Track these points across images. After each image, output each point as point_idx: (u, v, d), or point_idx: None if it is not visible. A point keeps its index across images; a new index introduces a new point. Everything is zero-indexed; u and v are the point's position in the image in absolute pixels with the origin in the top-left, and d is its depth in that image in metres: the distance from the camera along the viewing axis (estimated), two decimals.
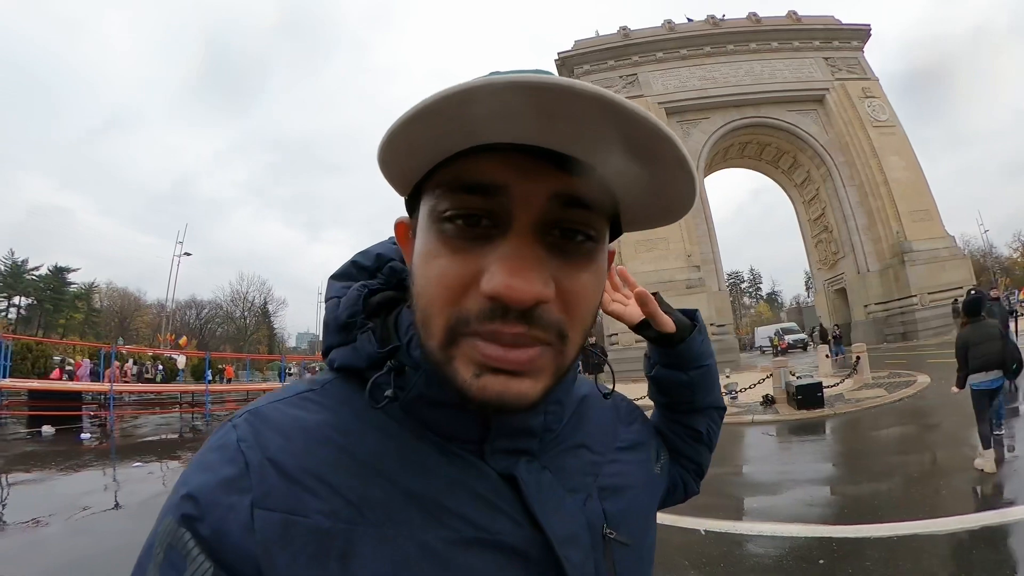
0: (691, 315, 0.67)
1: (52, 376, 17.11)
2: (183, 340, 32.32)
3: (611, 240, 0.43)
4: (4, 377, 12.89)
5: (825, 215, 31.13)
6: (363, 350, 0.45)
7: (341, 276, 0.52)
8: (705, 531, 3.86)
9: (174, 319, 43.89)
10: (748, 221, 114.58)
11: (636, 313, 0.65)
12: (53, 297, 53.89)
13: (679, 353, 0.64)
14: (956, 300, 16.74)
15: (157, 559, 0.35)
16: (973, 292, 8.07)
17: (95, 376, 16.41)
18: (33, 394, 12.71)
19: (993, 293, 9.84)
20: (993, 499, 3.99)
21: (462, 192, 0.35)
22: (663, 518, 4.25)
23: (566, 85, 0.28)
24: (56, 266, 55.18)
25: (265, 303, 54.29)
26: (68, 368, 18.82)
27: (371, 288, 0.49)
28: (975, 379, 4.70)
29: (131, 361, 22.46)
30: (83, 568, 3.87)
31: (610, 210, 0.39)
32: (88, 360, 18.32)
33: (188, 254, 35.23)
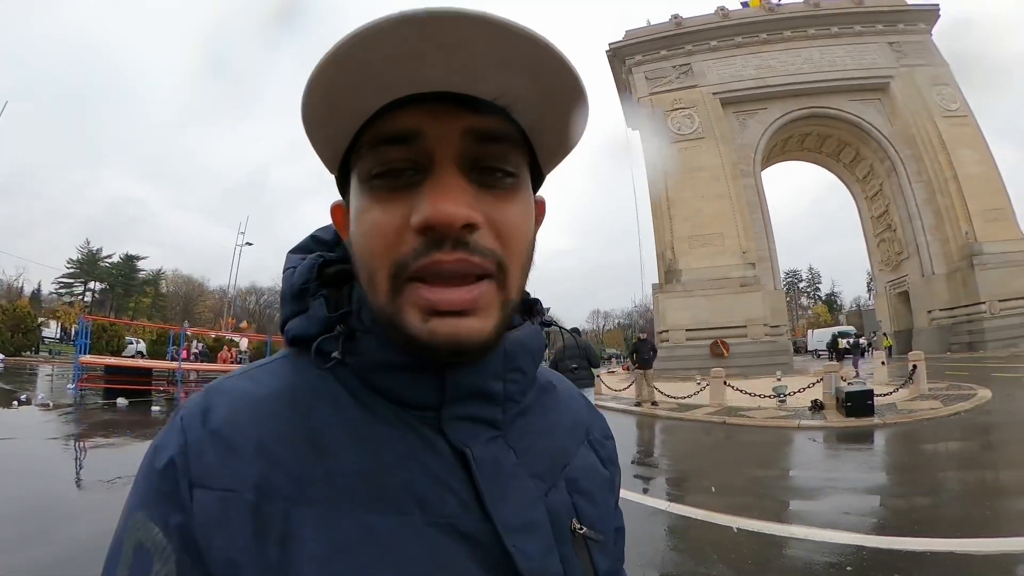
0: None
1: (182, 355, 18.84)
2: (244, 324, 33.96)
3: (538, 188, 0.46)
4: (85, 354, 14.49)
5: (889, 212, 29.17)
6: (316, 316, 0.44)
7: (300, 249, 0.51)
8: (737, 529, 3.87)
9: (235, 304, 46.45)
10: (821, 218, 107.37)
11: None
12: (124, 282, 58.46)
13: None
14: None
15: (126, 558, 0.35)
16: None
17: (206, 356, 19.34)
18: (109, 369, 13.83)
19: None
20: None
21: (383, 145, 0.38)
22: (697, 513, 4.25)
23: (454, 10, 0.31)
24: (127, 254, 60.05)
25: None
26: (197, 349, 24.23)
27: (327, 259, 0.48)
28: None
29: (195, 341, 24.81)
30: None
31: (523, 144, 0.41)
32: (201, 343, 23.12)
33: (249, 244, 36.33)
